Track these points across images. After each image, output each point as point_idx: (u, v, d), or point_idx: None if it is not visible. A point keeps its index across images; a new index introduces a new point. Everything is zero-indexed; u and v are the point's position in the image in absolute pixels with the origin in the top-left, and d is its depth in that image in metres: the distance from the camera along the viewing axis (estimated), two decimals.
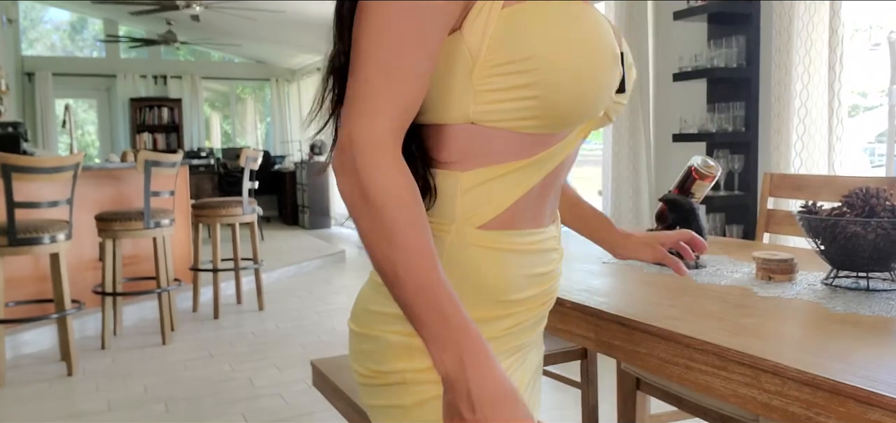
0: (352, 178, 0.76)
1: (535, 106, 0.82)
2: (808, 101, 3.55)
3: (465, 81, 0.81)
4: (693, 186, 1.81)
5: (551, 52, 0.79)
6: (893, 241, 1.39)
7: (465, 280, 0.85)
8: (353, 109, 0.76)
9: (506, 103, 0.82)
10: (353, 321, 0.95)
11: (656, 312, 1.32)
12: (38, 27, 12.01)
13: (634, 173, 4.79)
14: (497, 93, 0.81)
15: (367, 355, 0.90)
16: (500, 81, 0.81)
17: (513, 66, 0.80)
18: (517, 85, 0.80)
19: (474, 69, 0.81)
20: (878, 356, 1.05)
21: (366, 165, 0.75)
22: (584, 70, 0.81)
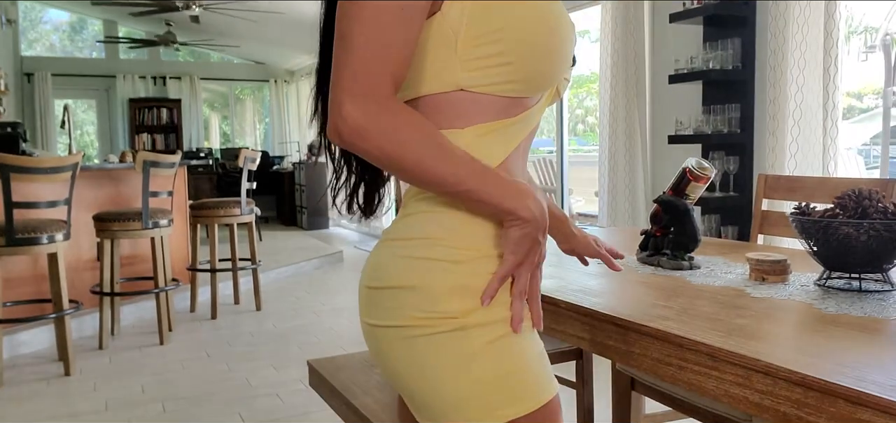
0: (377, 116, 0.85)
1: (511, 71, 0.94)
2: (803, 103, 3.56)
3: (451, 54, 0.93)
4: (688, 188, 1.82)
5: (518, 24, 0.92)
6: (886, 242, 1.40)
7: (474, 227, 0.95)
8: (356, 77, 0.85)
9: (488, 70, 0.93)
10: (383, 279, 0.97)
11: (650, 312, 1.33)
12: (38, 27, 12.01)
13: (630, 174, 4.81)
14: (479, 61, 0.93)
15: (412, 304, 0.93)
16: (479, 50, 0.92)
17: (489, 36, 0.92)
18: (494, 53, 0.92)
19: (458, 42, 0.92)
20: (869, 357, 1.06)
21: (395, 111, 0.86)
22: (547, 39, 0.94)
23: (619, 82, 4.80)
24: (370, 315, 1.00)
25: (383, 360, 0.99)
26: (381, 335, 0.98)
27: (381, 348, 0.99)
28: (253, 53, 12.42)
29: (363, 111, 0.85)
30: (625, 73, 4.77)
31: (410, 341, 0.94)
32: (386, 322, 0.97)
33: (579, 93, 12.31)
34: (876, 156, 5.15)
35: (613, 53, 4.82)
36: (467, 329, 0.93)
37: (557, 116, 6.08)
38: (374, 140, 0.86)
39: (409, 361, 0.95)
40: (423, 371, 0.95)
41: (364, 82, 0.85)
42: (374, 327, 0.99)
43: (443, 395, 0.94)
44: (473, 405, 0.93)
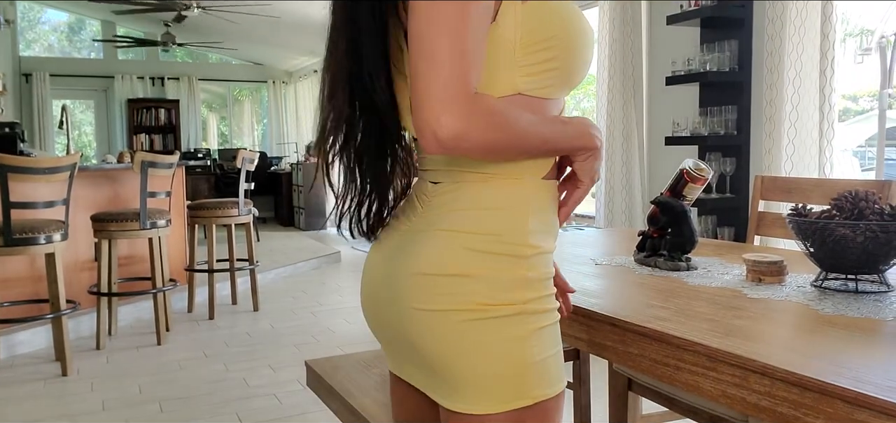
0: (476, 117, 0.93)
1: (557, 74, 1.04)
2: (800, 105, 3.57)
3: (510, 61, 1.01)
4: (685, 189, 1.83)
5: (564, 33, 1.03)
6: (882, 243, 1.41)
7: (530, 225, 1.05)
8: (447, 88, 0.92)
9: (542, 75, 1.03)
10: (446, 267, 1.03)
11: (648, 313, 1.34)
12: (36, 28, 12.00)
13: (627, 175, 4.82)
14: (535, 66, 1.02)
15: (477, 291, 1.01)
16: (535, 56, 1.02)
17: (543, 43, 1.01)
18: (547, 59, 1.02)
19: (516, 50, 1.01)
20: (865, 358, 1.06)
21: (483, 108, 0.95)
22: (584, 45, 1.06)
23: (617, 84, 4.81)
24: (421, 301, 1.04)
25: (429, 342, 1.04)
26: (435, 319, 1.03)
27: (432, 331, 1.03)
28: (251, 54, 12.42)
29: (459, 117, 0.92)
30: (622, 74, 4.78)
31: (468, 323, 1.01)
32: (445, 307, 1.02)
33: (577, 94, 12.31)
34: (871, 158, 5.15)
35: (611, 55, 4.83)
36: (524, 315, 1.02)
37: None
38: (473, 139, 0.94)
39: (461, 341, 1.02)
40: (474, 350, 1.02)
41: (454, 91, 0.92)
42: (425, 312, 1.03)
43: (487, 373, 1.02)
44: (514, 383, 1.02)
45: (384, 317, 1.12)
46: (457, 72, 0.92)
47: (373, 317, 1.17)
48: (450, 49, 0.92)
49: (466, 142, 0.93)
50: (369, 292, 1.16)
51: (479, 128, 0.94)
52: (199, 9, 8.21)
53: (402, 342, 1.10)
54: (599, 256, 2.05)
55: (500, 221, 1.03)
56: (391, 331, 1.12)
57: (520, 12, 1.00)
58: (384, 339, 1.17)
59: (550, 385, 1.04)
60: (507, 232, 1.03)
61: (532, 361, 1.02)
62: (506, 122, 0.97)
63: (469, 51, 0.93)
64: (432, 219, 1.07)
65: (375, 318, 1.16)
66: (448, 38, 0.92)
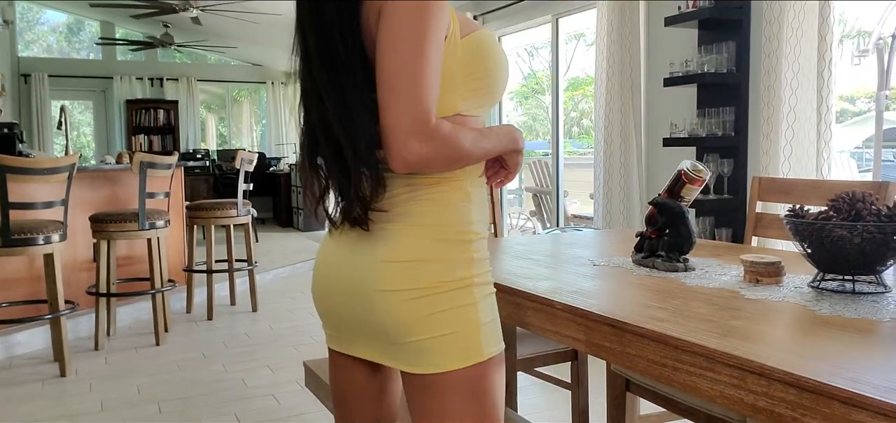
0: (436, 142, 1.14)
1: (485, 95, 1.28)
2: (797, 106, 3.58)
3: (452, 87, 1.22)
4: (682, 190, 1.83)
5: (490, 62, 1.27)
6: (879, 245, 1.41)
7: (469, 215, 1.28)
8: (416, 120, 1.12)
9: (473, 97, 1.26)
10: (407, 255, 1.23)
11: (645, 313, 1.34)
12: (35, 28, 12.00)
13: (625, 176, 4.82)
14: (468, 91, 1.25)
15: (434, 272, 1.23)
16: (470, 84, 1.25)
17: (474, 72, 1.25)
18: (479, 85, 1.26)
19: (456, 78, 1.22)
20: (863, 358, 1.07)
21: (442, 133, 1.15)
22: (502, 70, 1.30)
23: (615, 85, 4.82)
24: (387, 283, 1.23)
25: (396, 317, 1.23)
26: (401, 297, 1.22)
27: (399, 308, 1.23)
28: (250, 55, 12.42)
29: (424, 144, 1.13)
30: (620, 75, 4.78)
31: (427, 298, 1.22)
32: (408, 286, 1.22)
33: (575, 95, 12.33)
34: (868, 159, 5.17)
35: (609, 56, 4.83)
36: (471, 287, 1.25)
37: (553, 118, 6.09)
38: (436, 160, 1.17)
39: (423, 313, 1.22)
40: (435, 319, 1.23)
41: (420, 122, 1.12)
42: (392, 292, 1.23)
43: (447, 336, 1.23)
44: (468, 341, 1.24)
45: (340, 302, 1.31)
46: (420, 106, 1.12)
47: (327, 302, 1.35)
48: (414, 86, 1.12)
49: (432, 163, 1.17)
50: (324, 281, 1.35)
51: (439, 151, 1.15)
52: (197, 9, 8.20)
53: (361, 323, 1.28)
54: (597, 256, 2.05)
55: (448, 215, 1.26)
56: (348, 313, 1.30)
57: (459, 47, 1.22)
58: (335, 322, 1.36)
59: (495, 344, 1.28)
60: (455, 223, 1.26)
61: (481, 323, 1.25)
62: (458, 142, 1.18)
63: (429, 86, 1.13)
64: (391, 216, 1.25)
65: (330, 303, 1.34)
66: (412, 77, 1.12)
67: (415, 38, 1.12)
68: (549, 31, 6.06)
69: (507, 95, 7.23)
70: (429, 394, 1.26)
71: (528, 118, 13.86)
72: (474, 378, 1.26)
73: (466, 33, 1.24)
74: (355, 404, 1.42)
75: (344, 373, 1.42)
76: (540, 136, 13.15)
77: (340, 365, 1.42)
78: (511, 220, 9.32)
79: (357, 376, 1.40)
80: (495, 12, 6.58)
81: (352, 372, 1.40)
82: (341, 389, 1.44)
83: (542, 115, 13.19)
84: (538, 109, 13.56)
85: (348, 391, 1.42)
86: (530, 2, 6.06)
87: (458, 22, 1.23)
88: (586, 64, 11.11)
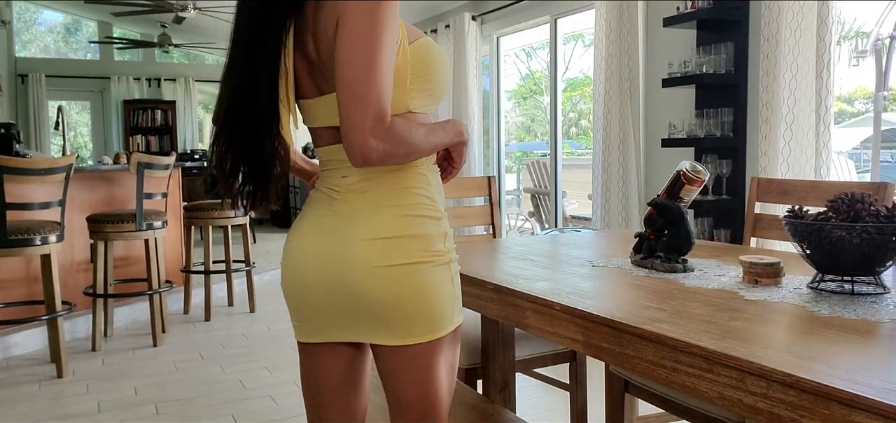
0: (393, 140, 1.25)
1: (433, 96, 1.41)
2: (796, 107, 3.58)
3: (402, 88, 1.34)
4: (681, 191, 1.83)
5: (436, 64, 1.39)
6: (878, 245, 1.41)
7: (439, 196, 1.43)
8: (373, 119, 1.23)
9: (421, 97, 1.38)
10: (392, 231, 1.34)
11: (644, 314, 1.34)
12: (32, 29, 11.98)
13: (624, 177, 4.82)
14: (417, 90, 1.37)
15: (416, 246, 1.34)
16: (418, 85, 1.37)
17: (424, 75, 1.37)
18: (426, 86, 1.38)
19: (407, 80, 1.34)
20: (862, 359, 1.06)
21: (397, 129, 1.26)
22: (446, 72, 1.44)
23: (613, 85, 4.82)
24: (375, 260, 1.32)
25: (383, 292, 1.33)
26: (389, 272, 1.32)
27: (387, 282, 1.32)
28: None
29: (382, 141, 1.24)
30: (618, 76, 4.78)
31: (412, 272, 1.33)
32: (391, 262, 1.32)
33: (573, 96, 12.34)
34: (867, 160, 5.17)
35: (607, 57, 4.83)
36: (447, 264, 1.39)
37: (551, 118, 6.09)
38: (393, 156, 1.27)
39: (408, 287, 1.33)
40: (418, 292, 1.34)
41: (378, 121, 1.23)
42: (380, 268, 1.32)
43: (432, 307, 1.35)
44: (447, 312, 1.38)
45: (318, 288, 1.38)
46: (378, 106, 1.23)
47: (302, 291, 1.41)
48: (371, 88, 1.22)
49: (390, 159, 1.27)
50: (297, 270, 1.41)
51: (396, 147, 1.26)
52: (195, 10, 8.20)
53: (341, 305, 1.36)
54: (596, 257, 2.05)
55: (417, 194, 1.38)
56: (325, 298, 1.37)
57: (408, 52, 1.34)
58: (309, 312, 1.42)
59: (461, 315, 1.43)
60: (425, 202, 1.38)
61: (454, 296, 1.40)
62: (411, 138, 1.30)
63: (385, 88, 1.24)
64: (364, 200, 1.36)
65: (304, 291, 1.40)
66: (369, 80, 1.22)
67: (371, 44, 1.23)
68: (547, 32, 6.07)
69: (505, 96, 7.23)
70: (408, 364, 1.38)
71: (527, 119, 13.87)
72: (445, 347, 1.39)
73: (413, 40, 1.36)
74: (327, 395, 1.49)
75: (315, 364, 1.48)
76: (538, 136, 13.16)
77: (312, 357, 1.48)
78: (509, 221, 9.32)
79: (329, 365, 1.46)
80: (494, 13, 6.58)
81: (323, 363, 1.47)
82: (313, 381, 1.50)
83: (540, 115, 13.20)
84: (536, 109, 13.57)
85: (320, 381, 1.48)
86: (529, 2, 6.06)
87: (405, 29, 1.35)
88: (585, 64, 11.12)
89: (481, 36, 6.82)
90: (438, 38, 7.18)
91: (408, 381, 1.39)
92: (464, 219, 3.04)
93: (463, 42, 6.73)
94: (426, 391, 1.39)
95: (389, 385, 1.42)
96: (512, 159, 11.45)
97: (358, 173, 1.36)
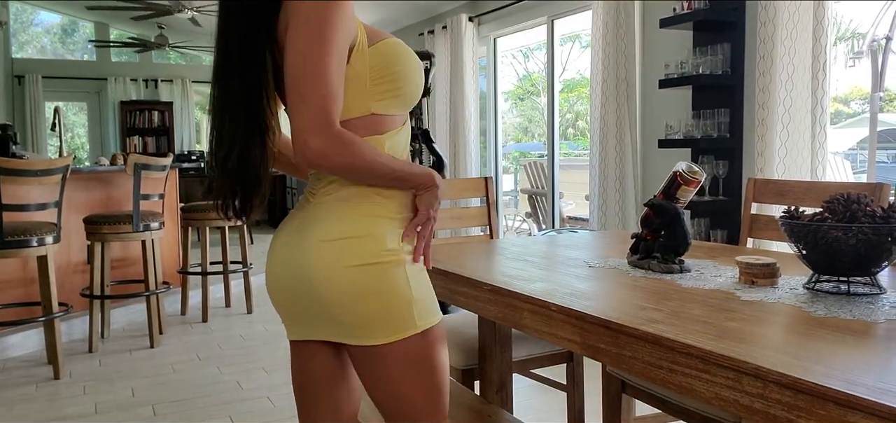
0: (334, 142, 1.25)
1: (399, 98, 1.41)
2: (792, 108, 3.59)
3: (363, 90, 1.36)
4: (678, 191, 1.83)
5: (401, 66, 1.39)
6: (874, 246, 1.42)
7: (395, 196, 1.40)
8: (314, 118, 1.24)
9: (386, 99, 1.39)
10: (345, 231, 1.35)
11: (641, 315, 1.34)
12: (29, 29, 11.96)
13: (621, 178, 4.83)
14: (380, 93, 1.38)
15: (366, 246, 1.34)
16: (380, 85, 1.37)
17: (385, 76, 1.37)
18: (389, 86, 1.38)
19: (367, 82, 1.35)
20: (858, 360, 1.07)
21: (344, 137, 1.27)
22: (414, 74, 1.42)
23: (610, 86, 4.82)
24: (325, 262, 1.33)
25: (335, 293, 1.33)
26: (337, 275, 1.33)
27: (338, 283, 1.33)
28: None
29: (322, 142, 1.24)
30: (615, 77, 4.79)
31: (363, 274, 1.33)
32: (343, 264, 1.33)
33: (570, 97, 12.34)
34: (863, 160, 5.18)
35: (604, 58, 4.84)
36: (402, 264, 1.37)
37: (548, 119, 6.10)
38: (333, 160, 1.27)
39: (360, 289, 1.33)
40: (370, 294, 1.34)
41: (319, 122, 1.24)
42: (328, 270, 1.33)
43: (383, 310, 1.34)
44: (404, 313, 1.36)
45: (290, 289, 1.39)
46: (319, 106, 1.24)
47: (279, 295, 1.43)
48: (314, 88, 1.24)
49: (328, 161, 1.27)
50: (272, 276, 1.43)
51: (337, 152, 1.26)
52: (192, 11, 8.19)
53: (307, 306, 1.37)
54: (593, 258, 2.05)
55: (374, 195, 1.37)
56: (296, 299, 1.39)
57: (367, 54, 1.35)
58: (290, 313, 1.44)
59: (429, 317, 1.39)
60: (381, 201, 1.38)
61: (413, 299, 1.36)
62: (360, 151, 1.29)
63: (331, 91, 1.25)
64: (325, 202, 1.38)
65: (282, 295, 1.42)
66: (313, 80, 1.24)
67: (316, 44, 1.25)
68: (544, 33, 6.07)
69: (502, 97, 7.24)
70: (372, 365, 1.39)
71: (524, 120, 13.87)
72: (413, 349, 1.37)
73: (375, 41, 1.37)
74: (313, 391, 1.50)
75: (302, 361, 1.50)
76: (535, 137, 13.16)
77: (299, 354, 1.50)
78: (506, 222, 9.32)
79: (314, 362, 1.48)
80: (491, 14, 6.58)
81: (309, 359, 1.48)
82: (299, 377, 1.51)
83: (537, 116, 13.20)
84: (534, 110, 13.57)
85: (306, 378, 1.50)
86: (525, 3, 6.07)
87: (366, 32, 1.37)
88: (582, 65, 11.12)
89: (478, 37, 6.83)
90: (435, 38, 7.19)
91: (374, 381, 1.40)
92: (461, 220, 3.04)
93: (460, 43, 6.74)
94: (395, 392, 1.39)
95: (364, 384, 1.43)
96: (509, 160, 11.45)
97: (339, 180, 1.37)
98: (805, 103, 3.57)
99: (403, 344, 1.36)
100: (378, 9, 7.50)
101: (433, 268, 1.95)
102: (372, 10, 7.49)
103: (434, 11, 7.40)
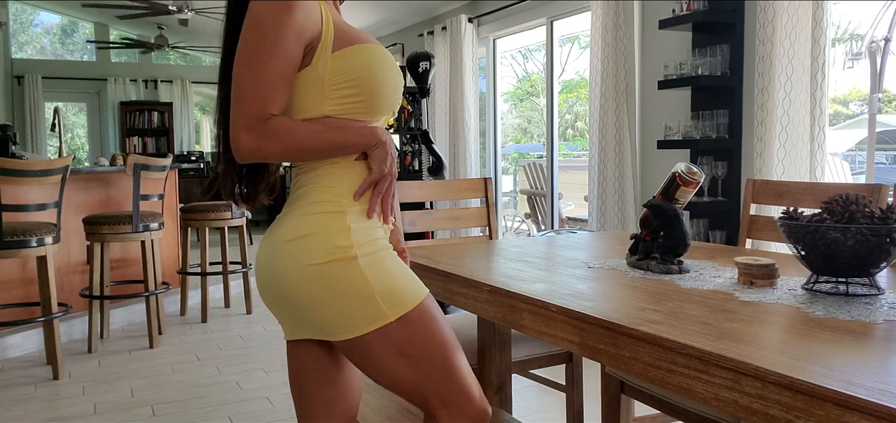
0: (265, 136, 1.31)
1: (363, 105, 1.41)
2: (791, 109, 3.59)
3: (318, 93, 1.38)
4: (677, 192, 1.83)
5: (366, 75, 1.39)
6: (872, 247, 1.42)
7: (343, 187, 1.40)
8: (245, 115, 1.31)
9: (346, 104, 1.40)
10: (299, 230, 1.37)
11: (640, 316, 1.34)
12: (29, 30, 11.96)
13: (620, 179, 4.83)
14: (340, 98, 1.39)
15: (317, 244, 1.35)
16: (339, 90, 1.38)
17: (347, 81, 1.38)
18: (351, 92, 1.39)
19: (325, 86, 1.38)
20: (856, 360, 1.07)
21: (274, 129, 1.32)
22: (384, 82, 1.42)
23: (609, 87, 4.82)
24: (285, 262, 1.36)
25: (298, 292, 1.36)
26: (296, 275, 1.35)
27: (297, 283, 1.35)
28: None
29: (252, 136, 1.31)
30: (614, 78, 4.79)
31: (318, 273, 1.34)
32: (300, 263, 1.35)
33: (569, 98, 12.34)
34: (861, 161, 5.18)
35: (603, 59, 4.84)
36: (357, 258, 1.36)
37: (548, 120, 6.10)
38: (266, 150, 1.33)
39: (318, 288, 1.34)
40: (328, 293, 1.34)
41: (250, 117, 1.30)
42: (289, 270, 1.35)
43: (345, 307, 1.34)
44: (366, 307, 1.34)
45: (268, 291, 1.41)
46: (253, 103, 1.30)
47: (263, 295, 1.44)
48: (249, 85, 1.30)
49: (261, 153, 1.33)
50: (256, 275, 1.45)
51: (269, 143, 1.32)
52: (191, 12, 8.20)
53: (286, 306, 1.40)
54: (592, 259, 2.06)
55: (326, 190, 1.39)
56: (277, 300, 1.41)
57: (329, 59, 1.37)
58: (275, 313, 1.46)
59: (401, 305, 1.37)
60: (329, 198, 1.39)
61: (374, 291, 1.35)
62: (292, 136, 1.34)
63: (265, 85, 1.30)
64: (289, 202, 1.43)
65: (264, 295, 1.44)
66: (248, 76, 1.31)
67: (257, 45, 1.30)
68: (543, 34, 6.07)
69: (501, 97, 7.24)
70: (358, 356, 1.40)
71: (523, 121, 13.87)
72: (394, 337, 1.36)
73: (344, 45, 1.38)
74: (306, 388, 1.51)
75: (296, 360, 1.51)
76: (534, 138, 13.16)
77: (293, 353, 1.51)
78: (506, 222, 9.33)
79: (307, 360, 1.49)
80: (490, 15, 6.58)
81: (300, 357, 1.50)
82: (293, 375, 1.53)
83: (536, 117, 13.21)
84: (533, 111, 13.57)
85: (299, 375, 1.51)
86: (525, 4, 6.07)
87: (339, 35, 1.38)
88: (581, 66, 11.13)
89: (478, 38, 6.83)
90: (435, 39, 7.19)
91: (368, 369, 1.41)
92: (460, 220, 3.05)
93: (459, 44, 6.74)
94: (393, 376, 1.39)
95: (364, 373, 1.44)
96: (508, 161, 11.46)
97: (297, 168, 1.44)
98: (804, 104, 3.58)
99: (381, 333, 1.35)
100: (378, 9, 7.50)
101: (433, 268, 1.95)
102: (372, 10, 7.50)
103: (434, 12, 7.41)
